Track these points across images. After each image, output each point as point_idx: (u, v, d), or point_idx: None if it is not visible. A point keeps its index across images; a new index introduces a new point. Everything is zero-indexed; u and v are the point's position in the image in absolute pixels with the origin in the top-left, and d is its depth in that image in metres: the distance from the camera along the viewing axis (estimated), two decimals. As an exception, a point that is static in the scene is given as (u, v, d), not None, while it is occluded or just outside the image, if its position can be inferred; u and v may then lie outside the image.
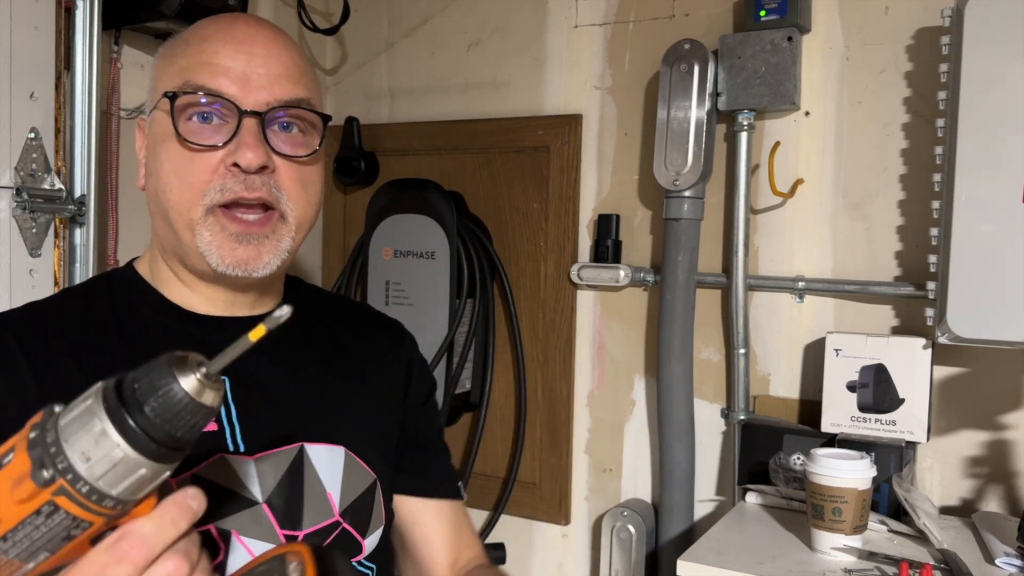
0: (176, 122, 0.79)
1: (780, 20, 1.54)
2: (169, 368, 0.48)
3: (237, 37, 0.81)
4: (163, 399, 0.47)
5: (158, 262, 0.86)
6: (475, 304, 1.84)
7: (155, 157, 0.82)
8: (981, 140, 1.33)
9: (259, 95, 0.79)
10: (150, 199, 0.84)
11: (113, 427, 0.47)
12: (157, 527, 0.50)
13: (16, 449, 0.48)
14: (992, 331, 1.33)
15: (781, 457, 1.50)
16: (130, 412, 0.47)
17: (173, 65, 0.82)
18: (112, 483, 0.47)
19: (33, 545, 0.48)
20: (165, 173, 0.80)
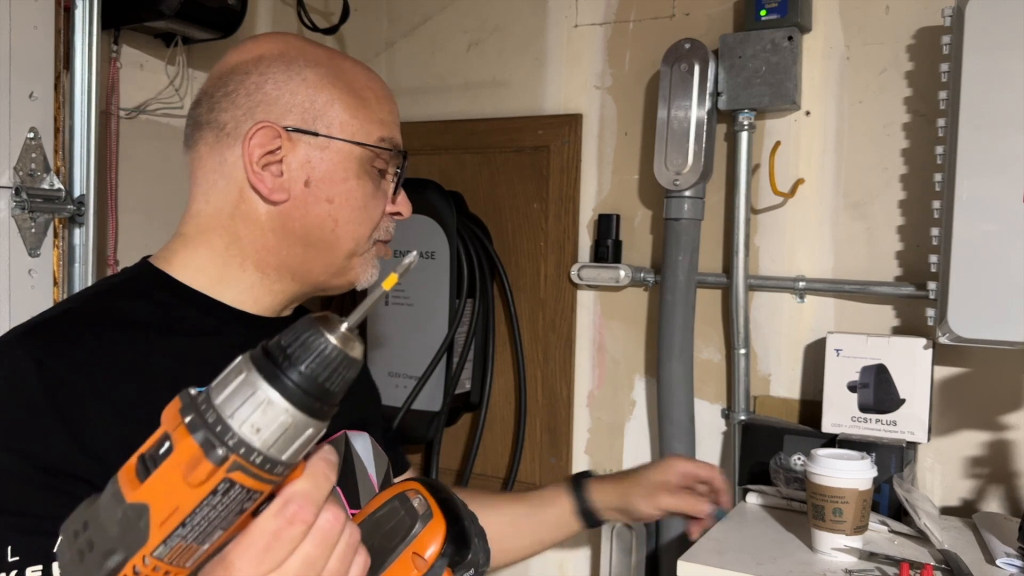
0: (392, 174, 0.91)
1: (780, 20, 1.54)
2: (317, 327, 0.49)
3: (395, 102, 0.95)
4: (318, 356, 0.49)
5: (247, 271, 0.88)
6: (475, 304, 1.84)
7: (335, 188, 0.86)
8: (982, 140, 1.32)
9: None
10: (296, 216, 0.86)
11: (277, 392, 0.48)
12: (315, 484, 0.52)
13: (174, 437, 0.49)
14: (993, 331, 1.33)
15: (781, 457, 1.50)
16: (288, 375, 0.48)
17: (366, 110, 0.88)
18: (282, 448, 0.49)
19: (210, 526, 0.49)
20: (350, 207, 0.88)
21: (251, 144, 0.84)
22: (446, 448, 1.93)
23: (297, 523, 0.51)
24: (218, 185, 0.87)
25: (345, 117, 0.87)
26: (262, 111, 0.84)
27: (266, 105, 0.84)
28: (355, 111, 0.88)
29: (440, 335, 1.80)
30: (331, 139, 0.86)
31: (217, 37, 1.65)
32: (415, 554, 0.58)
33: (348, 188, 0.87)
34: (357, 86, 0.89)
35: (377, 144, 0.89)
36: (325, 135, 0.86)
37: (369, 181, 0.89)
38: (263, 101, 0.84)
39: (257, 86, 0.85)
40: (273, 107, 0.84)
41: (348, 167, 0.87)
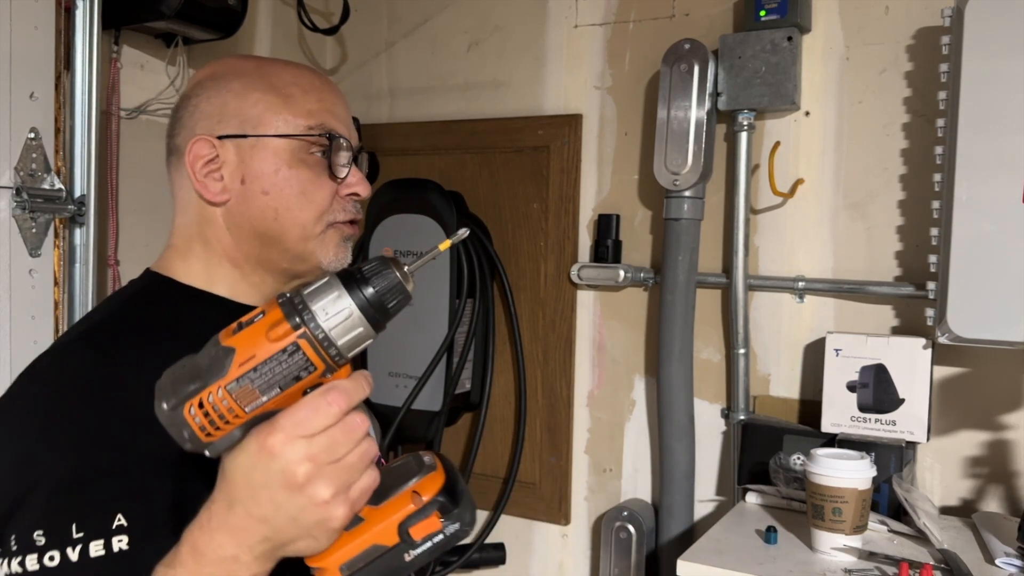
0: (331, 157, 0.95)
1: (780, 20, 1.54)
2: (388, 262, 0.68)
3: (333, 90, 1.00)
4: (385, 279, 0.67)
5: (228, 268, 0.96)
6: (475, 304, 1.84)
7: (268, 181, 0.94)
8: (981, 140, 1.33)
9: (355, 140, 0.99)
10: (240, 212, 0.94)
11: (349, 296, 0.65)
12: (355, 386, 0.67)
13: (267, 310, 0.65)
14: (992, 331, 1.33)
15: (781, 457, 1.50)
16: (361, 288, 0.66)
17: (289, 105, 0.95)
18: (340, 335, 0.65)
19: (273, 379, 0.64)
20: (288, 195, 0.94)
21: (191, 157, 0.93)
22: (446, 448, 1.94)
23: (333, 405, 0.65)
24: (184, 199, 0.96)
25: (269, 115, 0.94)
26: (201, 127, 0.93)
27: (204, 120, 0.94)
28: (278, 108, 0.95)
29: (440, 335, 1.80)
30: (259, 137, 0.93)
31: (217, 37, 1.65)
32: (415, 492, 0.71)
33: (282, 179, 0.94)
34: (281, 84, 0.96)
35: (306, 133, 0.95)
36: (253, 135, 0.93)
37: (306, 168, 0.95)
38: (201, 118, 0.94)
39: (195, 106, 0.95)
40: (209, 121, 0.94)
41: (279, 159, 0.94)
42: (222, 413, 0.64)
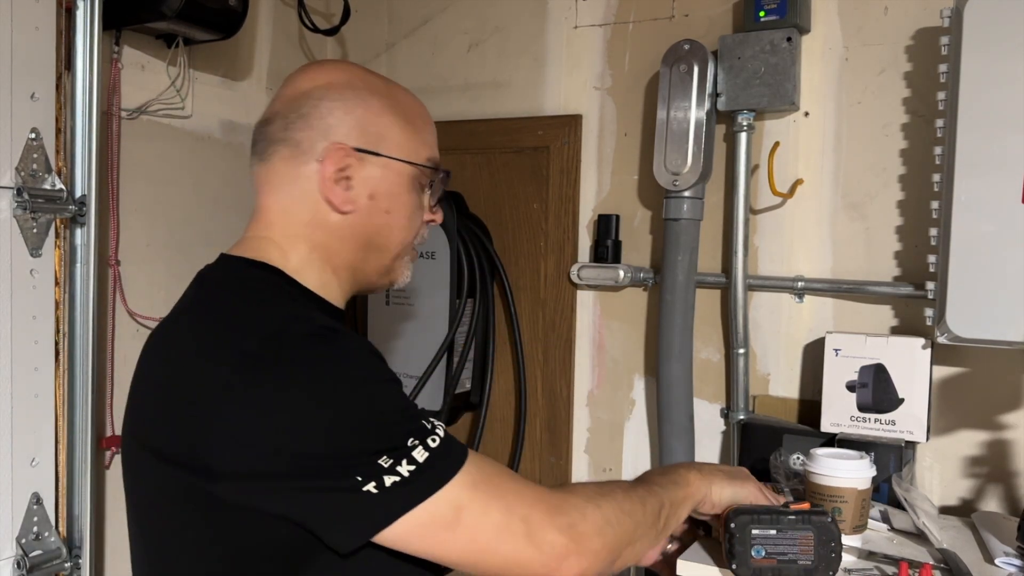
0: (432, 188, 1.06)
1: (779, 20, 1.55)
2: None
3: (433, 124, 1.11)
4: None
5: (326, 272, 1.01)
6: (475, 304, 1.84)
7: (393, 201, 1.01)
8: (980, 140, 1.33)
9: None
10: (360, 224, 1.00)
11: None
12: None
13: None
14: (991, 331, 1.33)
15: (781, 453, 1.50)
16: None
17: (417, 134, 1.04)
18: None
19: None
20: (401, 216, 1.03)
21: (328, 163, 0.96)
22: (446, 448, 1.94)
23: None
24: (294, 196, 0.98)
25: (401, 140, 1.02)
26: (334, 133, 0.97)
27: (339, 128, 0.97)
28: (409, 135, 1.03)
29: (440, 335, 1.81)
30: (390, 159, 1.00)
31: (218, 38, 1.65)
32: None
33: (402, 201, 1.02)
34: (410, 113, 1.05)
35: (425, 163, 1.04)
36: (386, 155, 1.00)
37: (416, 195, 1.04)
38: (335, 124, 0.97)
39: (329, 110, 0.98)
40: (346, 130, 0.98)
41: (402, 183, 1.02)
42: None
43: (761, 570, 1.12)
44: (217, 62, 1.80)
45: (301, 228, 0.98)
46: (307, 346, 0.86)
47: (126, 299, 1.61)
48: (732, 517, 1.13)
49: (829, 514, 1.14)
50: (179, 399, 0.87)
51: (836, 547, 1.12)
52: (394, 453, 0.83)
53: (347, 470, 0.81)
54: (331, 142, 0.96)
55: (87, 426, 1.47)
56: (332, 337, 0.87)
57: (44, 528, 1.45)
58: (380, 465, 0.82)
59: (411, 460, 0.84)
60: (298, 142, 0.97)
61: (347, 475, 0.81)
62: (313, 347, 0.86)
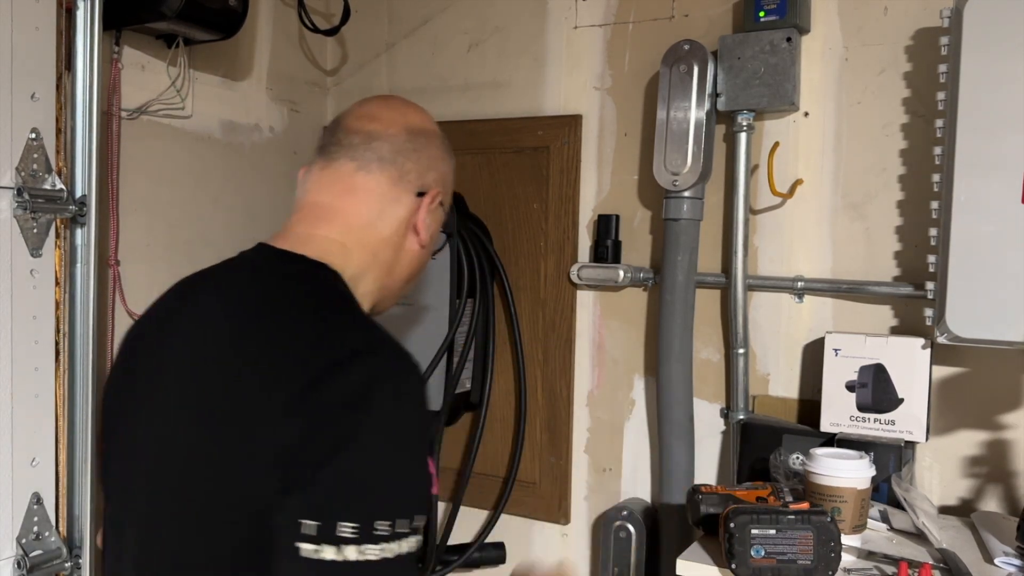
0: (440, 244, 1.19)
1: (779, 21, 1.55)
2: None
3: None
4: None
5: (374, 285, 1.08)
6: (475, 304, 1.84)
7: (433, 243, 1.13)
8: (980, 140, 1.33)
9: None
10: (420, 257, 1.12)
11: None
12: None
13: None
14: (991, 331, 1.33)
15: (781, 452, 1.50)
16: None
17: (451, 174, 1.16)
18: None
19: None
20: (428, 259, 1.15)
21: (427, 199, 1.08)
22: (446, 447, 1.94)
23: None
24: (385, 213, 1.05)
25: (449, 193, 1.15)
26: (432, 177, 1.09)
27: (435, 172, 1.09)
28: (451, 186, 1.16)
29: (440, 335, 1.81)
30: (444, 210, 1.13)
31: (218, 38, 1.65)
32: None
33: (431, 248, 1.15)
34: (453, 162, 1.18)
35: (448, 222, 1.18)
36: (445, 207, 1.13)
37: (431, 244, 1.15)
38: (434, 168, 1.09)
39: (437, 157, 1.11)
40: (438, 176, 1.10)
41: (437, 233, 1.14)
42: None
43: (760, 570, 1.12)
44: (217, 62, 1.80)
45: (376, 242, 1.05)
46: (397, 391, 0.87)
47: (126, 299, 1.61)
48: (732, 517, 1.13)
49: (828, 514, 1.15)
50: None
51: (835, 547, 1.12)
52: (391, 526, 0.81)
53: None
54: (430, 180, 1.08)
55: (87, 426, 1.47)
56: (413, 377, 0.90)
57: (44, 528, 1.45)
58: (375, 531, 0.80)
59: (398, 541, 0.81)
60: (406, 171, 1.06)
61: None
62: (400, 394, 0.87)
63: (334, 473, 0.80)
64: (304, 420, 0.81)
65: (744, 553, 1.12)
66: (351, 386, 0.83)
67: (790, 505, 1.20)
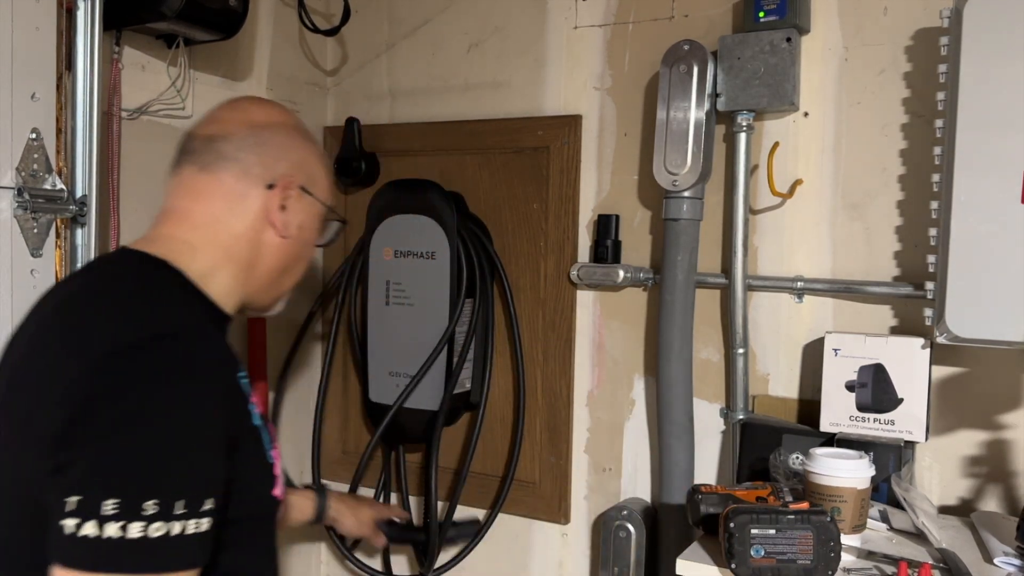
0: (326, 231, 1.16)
1: (779, 21, 1.55)
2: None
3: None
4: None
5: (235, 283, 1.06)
6: (475, 304, 1.84)
7: (309, 236, 1.13)
8: (979, 141, 1.33)
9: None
10: (286, 249, 1.09)
11: None
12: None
13: None
14: (991, 331, 1.34)
15: (781, 452, 1.50)
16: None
17: (331, 185, 1.17)
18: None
19: None
20: (311, 251, 1.15)
21: (277, 190, 1.06)
22: (446, 447, 1.94)
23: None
24: (234, 210, 1.05)
25: (324, 186, 1.14)
26: (283, 167, 1.07)
27: (287, 163, 1.08)
28: (328, 184, 1.16)
29: (440, 335, 1.81)
30: (315, 199, 1.11)
31: (218, 38, 1.65)
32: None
33: (313, 238, 1.14)
34: (328, 166, 1.20)
35: (331, 208, 1.16)
36: (315, 197, 1.11)
37: (316, 234, 1.15)
38: (284, 158, 1.08)
39: (283, 146, 1.08)
40: (290, 166, 1.08)
41: (317, 224, 1.14)
42: None
43: (760, 569, 1.12)
44: (217, 62, 1.80)
45: (228, 239, 1.04)
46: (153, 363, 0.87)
47: (126, 299, 1.61)
48: (731, 516, 1.13)
49: (828, 514, 1.15)
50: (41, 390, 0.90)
51: (835, 546, 1.12)
52: (160, 504, 0.81)
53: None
54: (280, 173, 1.06)
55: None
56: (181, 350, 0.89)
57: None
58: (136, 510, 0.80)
59: (171, 522, 0.81)
60: (250, 165, 1.05)
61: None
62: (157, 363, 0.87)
63: (96, 451, 0.82)
64: (74, 406, 0.83)
65: (744, 553, 1.13)
66: (121, 373, 0.84)
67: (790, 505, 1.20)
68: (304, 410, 2.06)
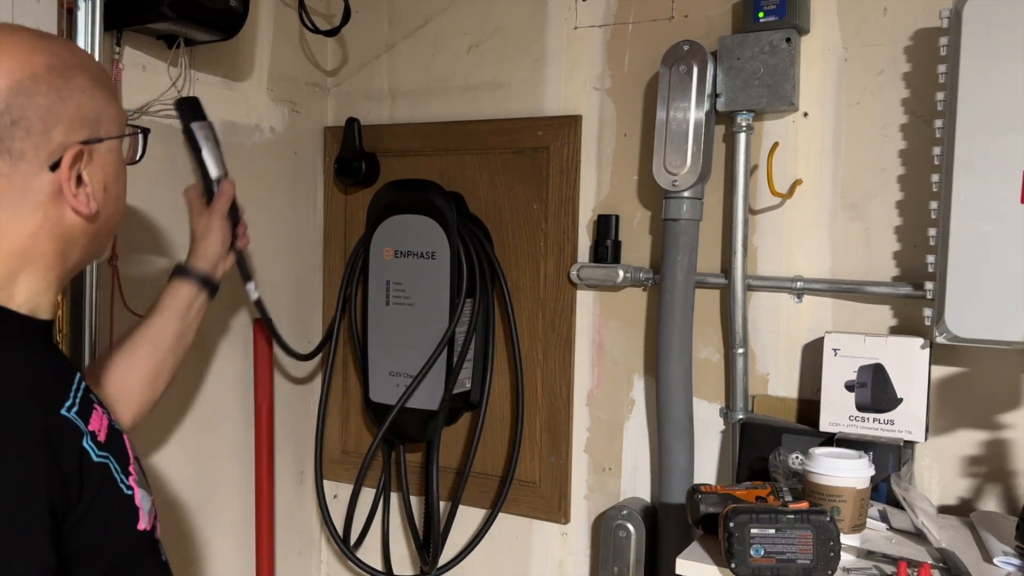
0: (136, 150, 1.02)
1: (779, 21, 1.55)
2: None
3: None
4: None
5: (43, 281, 0.89)
6: (475, 304, 1.85)
7: (117, 181, 0.95)
8: (979, 141, 1.33)
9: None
10: (99, 221, 0.92)
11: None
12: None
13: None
14: (990, 331, 1.34)
15: (780, 452, 1.50)
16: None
17: (116, 99, 0.95)
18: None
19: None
20: (123, 191, 0.97)
21: (64, 169, 0.86)
22: (446, 447, 1.94)
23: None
24: (19, 211, 0.85)
25: (112, 113, 0.91)
26: (58, 132, 0.85)
27: (60, 125, 0.85)
28: (115, 105, 0.92)
29: (440, 335, 1.81)
30: (110, 139, 0.91)
31: (219, 39, 1.66)
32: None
33: (122, 177, 0.95)
34: (105, 78, 0.92)
35: (130, 129, 0.96)
36: (106, 138, 0.90)
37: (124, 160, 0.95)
38: (56, 123, 0.85)
39: (47, 109, 0.85)
40: (66, 126, 0.86)
41: (119, 158, 0.94)
42: None
43: (760, 569, 1.12)
44: (218, 63, 1.80)
45: (21, 242, 0.85)
46: None
47: (126, 298, 1.61)
48: (731, 516, 1.14)
49: (828, 513, 1.15)
50: None
51: (835, 546, 1.12)
52: None
53: None
54: (57, 144, 0.85)
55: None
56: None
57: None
58: None
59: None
60: (21, 153, 0.83)
61: None
62: None
63: None
64: None
65: (743, 552, 1.13)
66: None
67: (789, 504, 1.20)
68: (305, 410, 2.07)
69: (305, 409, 2.07)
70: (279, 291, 1.95)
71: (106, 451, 0.85)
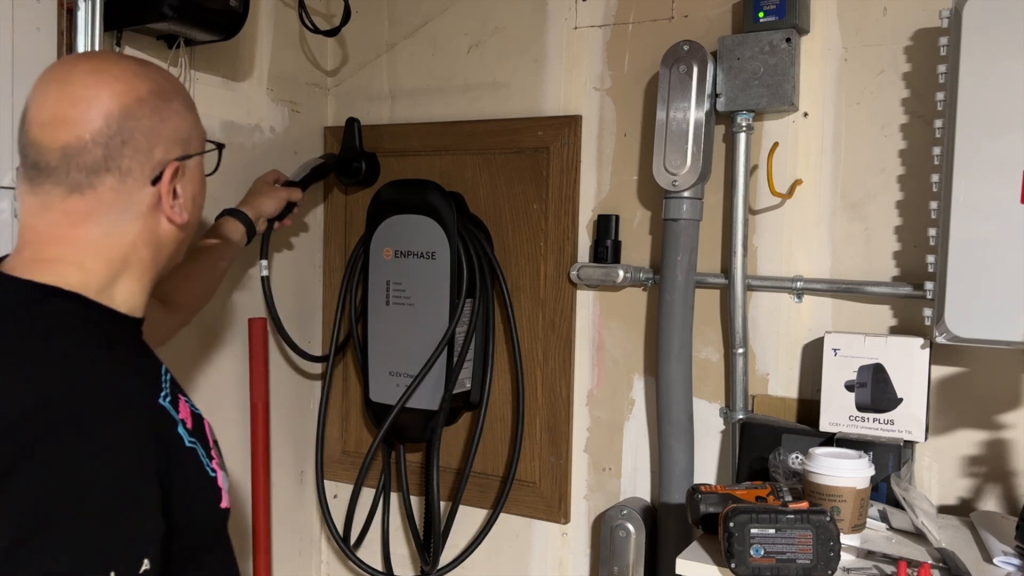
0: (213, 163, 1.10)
1: (779, 21, 1.55)
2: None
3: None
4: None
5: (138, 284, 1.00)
6: (475, 304, 1.85)
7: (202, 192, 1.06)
8: (979, 141, 1.33)
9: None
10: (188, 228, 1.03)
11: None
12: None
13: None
14: (990, 331, 1.34)
15: (780, 452, 1.50)
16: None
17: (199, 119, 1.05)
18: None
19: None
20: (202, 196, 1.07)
21: (164, 183, 0.96)
22: (446, 447, 1.94)
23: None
24: (122, 221, 0.95)
25: (198, 131, 1.03)
26: (160, 151, 0.96)
27: (163, 144, 0.97)
28: (199, 124, 1.04)
29: (440, 334, 1.81)
30: (198, 155, 1.03)
31: (219, 39, 1.66)
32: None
33: (205, 189, 1.06)
34: (190, 100, 1.03)
35: (212, 145, 1.07)
36: (195, 153, 1.02)
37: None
38: (160, 140, 0.96)
39: (152, 130, 0.95)
40: (166, 145, 0.97)
41: (201, 174, 1.05)
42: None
43: (760, 569, 1.12)
44: (218, 63, 1.80)
45: (121, 249, 0.95)
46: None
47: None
48: (731, 516, 1.14)
49: (828, 513, 1.15)
50: None
51: (835, 546, 1.12)
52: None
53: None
54: (158, 161, 0.95)
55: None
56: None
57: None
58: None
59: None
60: (129, 170, 0.93)
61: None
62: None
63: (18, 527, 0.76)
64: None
65: (743, 552, 1.13)
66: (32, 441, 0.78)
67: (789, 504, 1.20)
68: (305, 410, 2.07)
69: (305, 409, 2.07)
70: (279, 291, 1.95)
71: (194, 438, 0.95)
